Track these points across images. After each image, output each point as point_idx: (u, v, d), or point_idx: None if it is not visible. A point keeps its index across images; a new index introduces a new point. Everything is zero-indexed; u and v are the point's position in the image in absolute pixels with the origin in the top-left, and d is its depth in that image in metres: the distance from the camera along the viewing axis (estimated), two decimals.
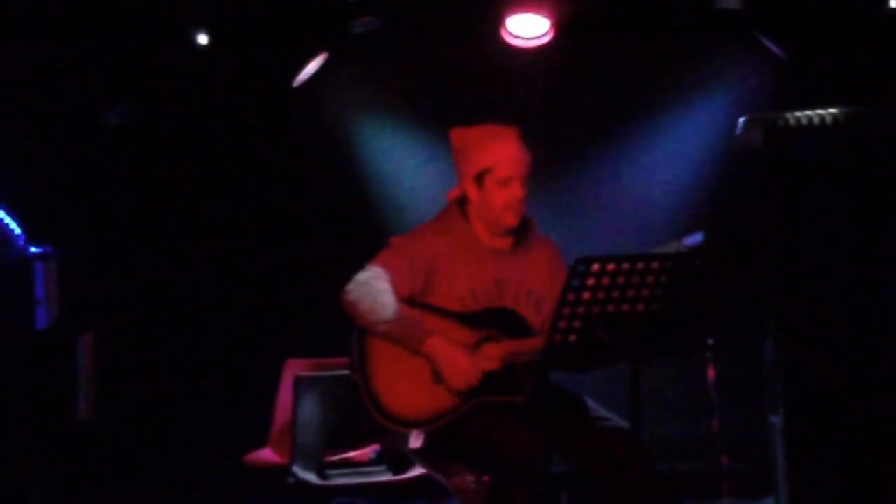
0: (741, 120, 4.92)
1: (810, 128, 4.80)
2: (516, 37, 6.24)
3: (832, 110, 4.80)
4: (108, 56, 6.18)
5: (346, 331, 3.93)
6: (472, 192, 4.01)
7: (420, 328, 3.85)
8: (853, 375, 4.62)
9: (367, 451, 5.02)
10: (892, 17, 5.82)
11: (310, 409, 5.08)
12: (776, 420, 4.85)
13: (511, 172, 3.96)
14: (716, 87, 6.50)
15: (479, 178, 3.98)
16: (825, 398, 4.62)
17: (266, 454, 5.16)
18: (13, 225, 5.68)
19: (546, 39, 6.25)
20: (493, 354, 3.90)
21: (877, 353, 4.65)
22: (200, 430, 6.34)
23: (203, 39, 6.19)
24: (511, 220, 3.99)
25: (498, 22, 6.18)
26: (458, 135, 4.06)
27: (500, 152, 3.96)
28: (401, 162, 6.72)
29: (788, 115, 4.84)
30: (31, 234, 5.71)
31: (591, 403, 3.96)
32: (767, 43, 6.26)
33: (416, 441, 3.89)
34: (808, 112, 4.84)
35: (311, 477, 4.97)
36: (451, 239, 4.01)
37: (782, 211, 4.70)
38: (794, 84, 6.14)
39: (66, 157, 6.37)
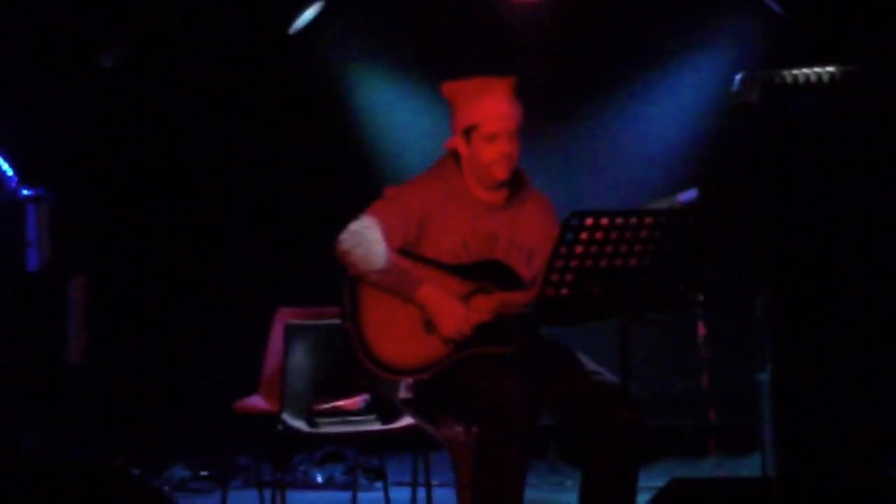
0: (738, 77, 4.88)
1: (807, 85, 4.76)
2: None
3: (829, 68, 4.76)
4: None
5: (339, 280, 3.91)
6: (462, 146, 3.99)
7: (412, 277, 3.84)
8: (842, 334, 4.62)
9: (357, 400, 5.02)
10: None
11: (300, 357, 5.07)
12: (764, 377, 4.86)
13: (497, 128, 3.92)
14: (713, 43, 6.47)
15: (467, 133, 3.96)
16: (813, 357, 4.62)
17: (256, 401, 5.16)
18: (6, 166, 5.64)
19: None
20: (484, 306, 3.89)
21: (868, 312, 4.64)
22: (190, 376, 6.35)
23: None
24: (500, 173, 3.96)
25: None
26: (448, 88, 4.03)
27: (486, 108, 3.93)
28: (396, 112, 6.69)
29: (785, 72, 4.80)
30: (24, 176, 5.67)
31: (581, 357, 3.96)
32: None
33: (405, 390, 3.89)
34: (806, 70, 4.80)
35: (301, 424, 4.97)
36: (444, 191, 3.99)
37: (778, 168, 4.67)
38: (792, 41, 6.10)
39: (59, 99, 6.32)
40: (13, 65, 6.15)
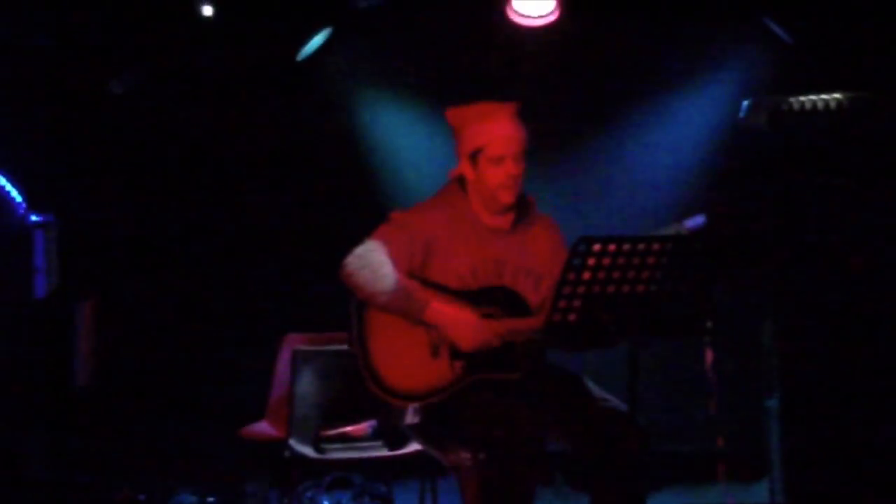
0: (745, 103, 4.90)
1: (814, 112, 4.78)
2: (522, 15, 6.21)
3: (836, 95, 4.78)
4: (114, 25, 6.13)
5: (346, 305, 3.91)
6: (468, 170, 4.00)
7: (420, 297, 3.84)
8: (849, 362, 4.61)
9: (364, 426, 5.01)
10: None
11: (307, 382, 5.07)
12: (772, 404, 4.84)
13: (503, 151, 3.94)
14: (721, 69, 6.47)
15: (473, 157, 3.97)
16: (821, 383, 4.62)
17: (263, 427, 5.16)
18: (14, 193, 5.65)
19: (551, 19, 6.22)
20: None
21: (874, 340, 4.64)
22: (198, 402, 6.33)
23: (208, 11, 6.15)
24: (506, 197, 3.98)
25: (504, 1, 6.14)
26: (453, 114, 4.05)
27: (491, 131, 3.94)
28: (403, 138, 6.69)
29: (792, 98, 4.81)
30: (32, 202, 5.68)
31: (588, 384, 3.95)
32: (773, 26, 6.22)
33: (412, 416, 3.88)
34: (813, 96, 4.81)
35: (308, 451, 4.97)
36: (450, 216, 4.00)
37: (785, 194, 4.68)
38: (799, 68, 6.10)
39: (68, 124, 6.33)
40: (23, 90, 6.17)
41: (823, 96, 4.83)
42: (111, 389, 6.15)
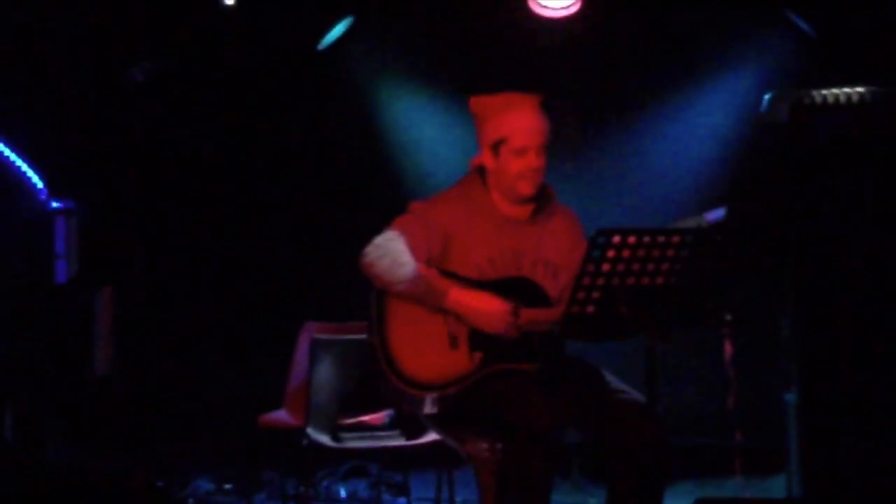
0: (767, 96, 4.88)
1: (836, 106, 4.76)
2: (543, 6, 6.20)
3: (859, 89, 4.75)
4: (136, 12, 6.15)
5: (365, 295, 3.92)
6: (489, 160, 3.99)
7: (439, 285, 3.84)
8: (869, 356, 4.59)
9: (381, 416, 5.03)
10: None
11: (325, 371, 5.09)
12: (791, 398, 4.83)
13: (526, 142, 3.93)
14: (742, 62, 6.45)
15: (496, 147, 3.96)
16: (840, 378, 4.60)
17: (281, 416, 5.17)
18: (35, 179, 5.67)
19: (573, 10, 6.21)
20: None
21: (893, 334, 4.62)
22: (216, 390, 6.36)
23: (229, 0, 6.17)
24: (527, 188, 3.97)
25: None
26: (476, 103, 4.04)
27: (515, 122, 3.94)
28: (423, 128, 6.70)
29: (815, 92, 4.79)
30: (53, 189, 5.70)
31: (607, 375, 3.95)
32: (796, 19, 6.20)
33: (430, 406, 3.89)
34: (835, 90, 4.79)
35: (325, 439, 4.98)
36: (470, 207, 3.99)
37: (806, 188, 4.66)
38: (822, 61, 6.08)
39: (89, 111, 6.36)
40: (44, 78, 6.20)
41: (846, 90, 4.80)
42: (130, 377, 6.18)
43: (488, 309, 3.83)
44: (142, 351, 6.31)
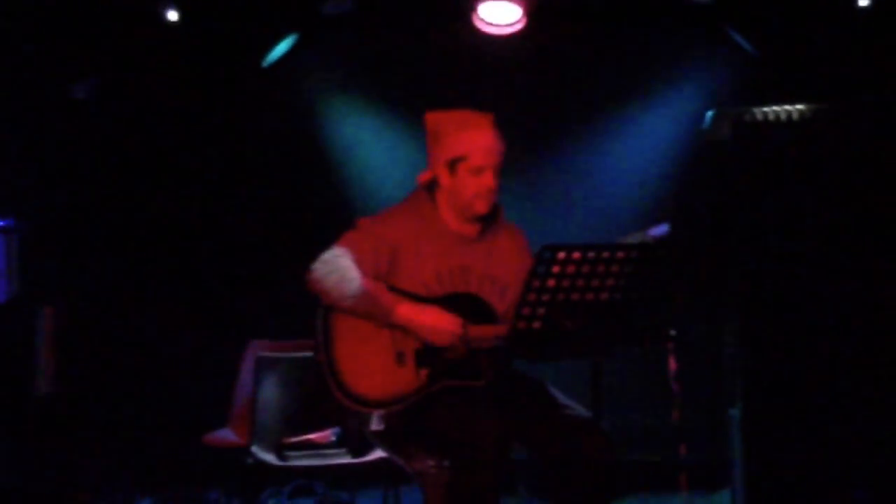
0: (709, 114, 4.94)
1: (777, 123, 4.82)
2: (488, 24, 6.24)
3: (799, 106, 4.82)
4: (78, 29, 6.11)
5: (311, 313, 3.91)
6: (444, 177, 4.00)
7: (387, 300, 3.85)
8: (812, 371, 4.65)
9: (328, 434, 5.01)
10: (860, 14, 5.85)
11: (271, 389, 5.07)
12: (735, 413, 4.88)
13: (484, 161, 3.96)
14: (686, 79, 6.52)
15: (453, 164, 3.98)
16: (783, 393, 4.65)
17: (225, 434, 5.15)
18: None
19: (517, 27, 6.25)
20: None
21: (836, 349, 4.68)
22: (160, 408, 6.31)
23: (173, 16, 6.15)
24: (481, 207, 4.00)
25: (470, 8, 6.17)
26: (433, 119, 4.05)
27: (475, 141, 3.96)
28: (370, 145, 6.70)
29: (756, 109, 4.85)
30: None
31: (553, 391, 3.97)
32: (737, 37, 6.28)
33: (377, 423, 3.89)
34: (776, 107, 4.86)
35: (271, 458, 4.96)
36: (417, 223, 4.01)
37: (748, 204, 4.72)
38: (763, 79, 6.17)
39: (30, 129, 6.31)
40: None
41: (787, 107, 4.87)
42: (73, 396, 6.12)
43: (436, 324, 3.84)
44: (85, 369, 6.25)
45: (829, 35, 6.03)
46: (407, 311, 3.84)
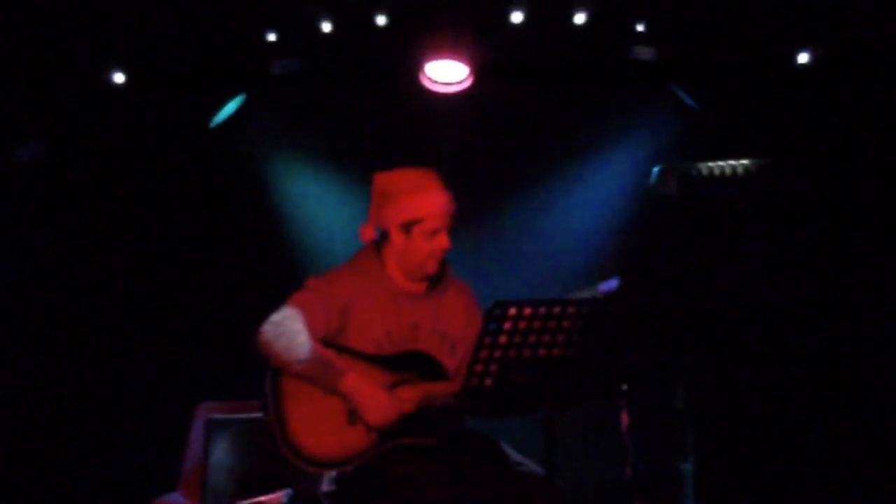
0: (655, 169, 4.98)
1: (723, 178, 4.87)
2: (435, 82, 6.27)
3: (742, 161, 4.88)
4: (23, 91, 6.07)
5: (260, 374, 3.88)
6: (398, 239, 4.00)
7: (336, 367, 3.83)
8: (763, 426, 4.67)
9: (279, 496, 4.94)
10: (800, 72, 5.95)
11: (221, 452, 5.01)
12: (687, 467, 4.88)
13: (439, 224, 3.98)
14: (632, 136, 6.57)
15: (408, 227, 3.98)
16: (735, 447, 4.67)
17: (176, 498, 5.07)
18: None
19: (465, 85, 6.28)
20: (407, 397, 3.89)
21: (788, 402, 4.71)
22: (109, 471, 6.20)
23: (119, 78, 6.12)
24: (433, 267, 4.02)
25: (418, 67, 6.20)
26: (383, 179, 4.05)
27: (430, 204, 3.97)
28: (317, 204, 6.69)
29: (701, 164, 4.90)
30: None
31: (505, 448, 3.95)
32: (681, 94, 6.35)
33: (328, 484, 3.86)
34: (721, 162, 4.91)
35: None
36: (366, 281, 4.00)
37: (695, 257, 4.75)
38: (707, 135, 6.23)
39: None
40: None
41: (731, 162, 4.93)
42: (13, 458, 6.01)
43: (376, 404, 3.82)
44: (27, 430, 6.15)
45: (770, 91, 6.11)
46: (353, 383, 3.83)
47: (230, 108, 6.51)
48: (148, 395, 6.31)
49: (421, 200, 3.97)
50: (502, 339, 3.59)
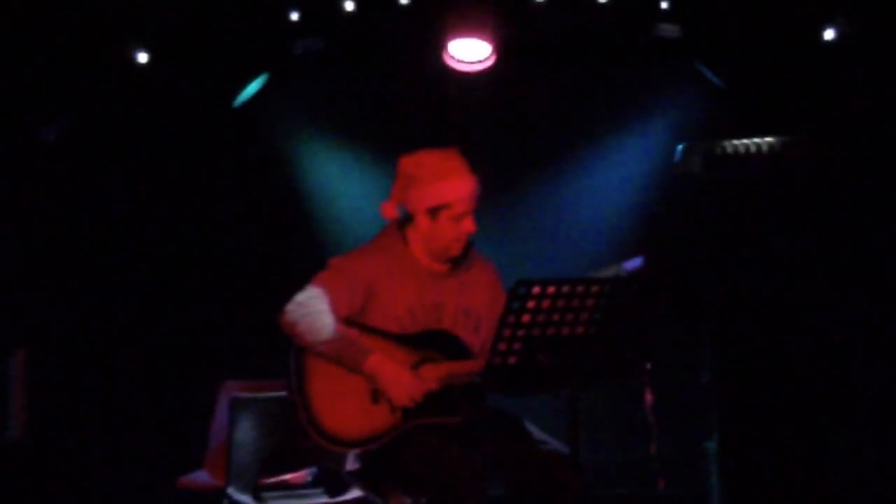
0: (680, 147, 4.96)
1: (747, 155, 4.84)
2: (458, 61, 6.25)
3: (767, 138, 4.85)
4: (49, 70, 6.08)
5: (285, 353, 3.88)
6: (424, 223, 3.99)
7: (360, 347, 3.83)
8: (788, 402, 4.65)
9: (304, 474, 4.97)
10: (826, 48, 5.90)
11: (246, 430, 5.03)
12: (711, 446, 4.87)
13: (467, 208, 3.98)
14: (656, 113, 6.54)
15: (434, 212, 3.97)
16: (759, 424, 4.65)
17: (201, 476, 5.10)
18: None
19: (488, 64, 6.26)
20: (431, 376, 3.89)
21: (813, 379, 4.68)
22: (135, 451, 6.24)
23: (143, 58, 6.13)
24: (458, 250, 4.03)
25: (440, 45, 6.18)
26: (408, 163, 4.03)
27: (458, 189, 3.96)
28: (341, 183, 6.69)
29: (726, 142, 4.88)
30: None
31: (529, 426, 3.95)
32: (706, 71, 6.31)
33: (353, 463, 3.86)
34: (745, 140, 4.88)
35: (247, 499, 4.91)
36: (389, 260, 4.00)
37: (719, 235, 4.73)
38: (732, 112, 6.19)
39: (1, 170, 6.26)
40: None
41: (756, 140, 4.90)
42: (45, 442, 6.04)
43: (399, 382, 3.82)
44: (56, 413, 6.18)
45: (795, 68, 6.06)
46: (377, 363, 3.82)
47: (253, 87, 6.51)
48: (172, 374, 6.34)
49: (447, 186, 3.96)
50: (525, 317, 3.58)
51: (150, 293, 6.46)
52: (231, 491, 4.87)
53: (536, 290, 3.56)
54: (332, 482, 4.87)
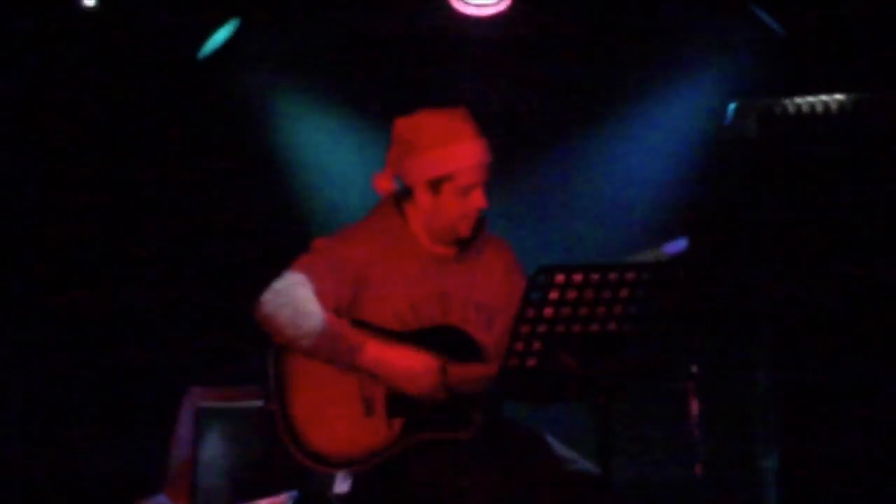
0: (731, 106, 4.96)
1: (812, 116, 4.84)
2: (466, 3, 6.24)
3: (837, 96, 4.85)
4: None
5: (261, 354, 3.88)
6: (424, 198, 3.99)
7: (353, 339, 3.84)
8: (862, 413, 4.65)
9: (283, 498, 4.98)
10: None
11: (214, 446, 5.05)
12: (769, 465, 4.88)
13: (475, 180, 3.96)
14: (703, 66, 6.53)
15: (436, 184, 3.97)
16: (828, 440, 4.65)
17: (161, 501, 5.11)
18: None
19: (502, 7, 6.26)
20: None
21: (886, 389, 4.68)
22: (85, 470, 6.26)
23: (90, 1, 6.13)
24: (466, 230, 4.02)
25: None
26: (405, 125, 4.03)
27: (462, 157, 3.95)
28: (328, 151, 6.70)
29: (787, 100, 4.88)
30: None
31: (552, 442, 3.96)
32: (763, 15, 6.30)
33: (342, 485, 3.87)
34: (810, 98, 4.88)
35: None
36: (385, 243, 4.00)
37: (778, 211, 4.73)
38: (794, 64, 6.18)
39: None
40: None
41: (823, 97, 4.89)
42: None
43: (412, 369, 3.82)
44: (1, 426, 6.21)
45: (869, 11, 6.05)
46: (377, 353, 3.83)
47: (222, 35, 6.51)
48: (126, 379, 6.35)
49: (451, 152, 3.94)
50: (547, 311, 3.58)
51: (102, 280, 6.46)
52: None
53: (560, 278, 3.56)
54: None
